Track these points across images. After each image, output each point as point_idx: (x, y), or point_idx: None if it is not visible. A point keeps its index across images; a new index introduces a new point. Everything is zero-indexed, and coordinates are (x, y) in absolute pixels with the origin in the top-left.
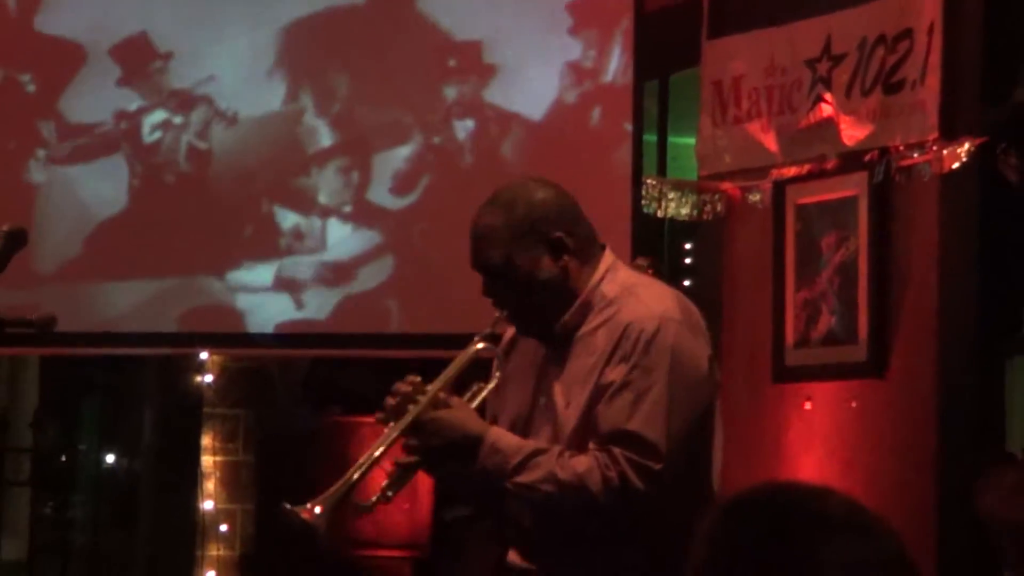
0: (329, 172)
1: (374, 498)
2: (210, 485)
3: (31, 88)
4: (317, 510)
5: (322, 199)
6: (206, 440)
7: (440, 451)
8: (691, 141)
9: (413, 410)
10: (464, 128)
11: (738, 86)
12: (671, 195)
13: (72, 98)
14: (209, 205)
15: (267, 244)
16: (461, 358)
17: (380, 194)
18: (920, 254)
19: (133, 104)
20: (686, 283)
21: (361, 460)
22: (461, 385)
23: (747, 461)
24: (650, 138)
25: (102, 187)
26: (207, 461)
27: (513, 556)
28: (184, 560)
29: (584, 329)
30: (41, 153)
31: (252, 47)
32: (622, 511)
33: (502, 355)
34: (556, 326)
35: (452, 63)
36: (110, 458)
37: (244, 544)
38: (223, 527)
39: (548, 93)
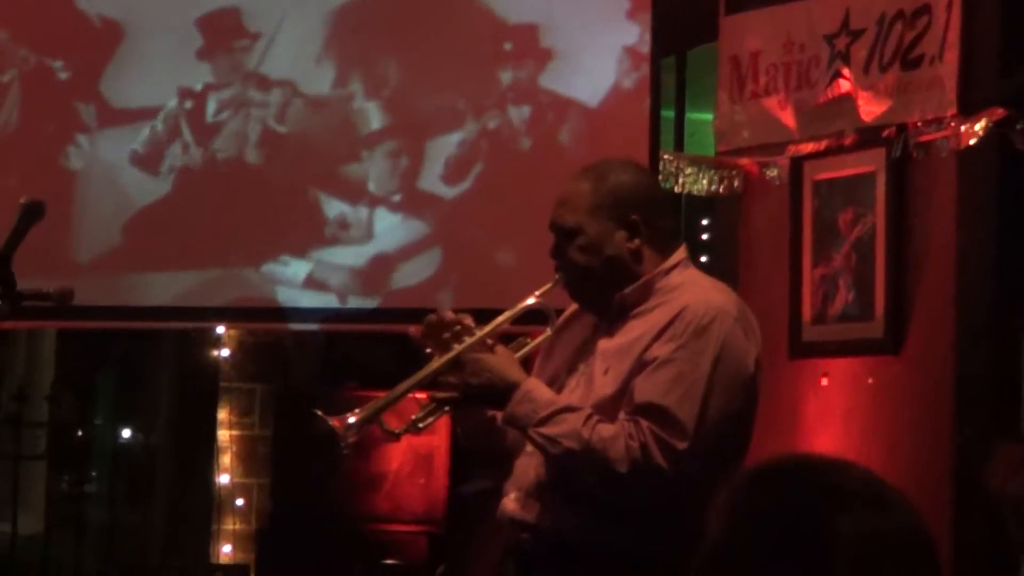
0: (379, 159)
1: (403, 426)
2: (226, 459)
3: (64, 75)
4: (351, 420)
5: (371, 187)
6: (222, 414)
7: (476, 390)
8: (708, 117)
9: (458, 347)
10: (520, 114)
11: (756, 62)
12: (688, 170)
13: (112, 80)
14: (256, 192)
15: (312, 234)
16: (513, 310)
17: (431, 182)
18: (938, 230)
19: (197, 83)
20: (703, 259)
21: (400, 385)
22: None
23: (764, 437)
24: (668, 114)
25: (144, 172)
26: (223, 435)
27: (510, 505)
28: (200, 534)
29: (641, 308)
30: (80, 138)
31: (302, 30)
32: (639, 484)
33: (555, 322)
34: (614, 300)
35: (507, 47)
36: (126, 432)
37: (260, 518)
38: (239, 501)
39: (606, 78)
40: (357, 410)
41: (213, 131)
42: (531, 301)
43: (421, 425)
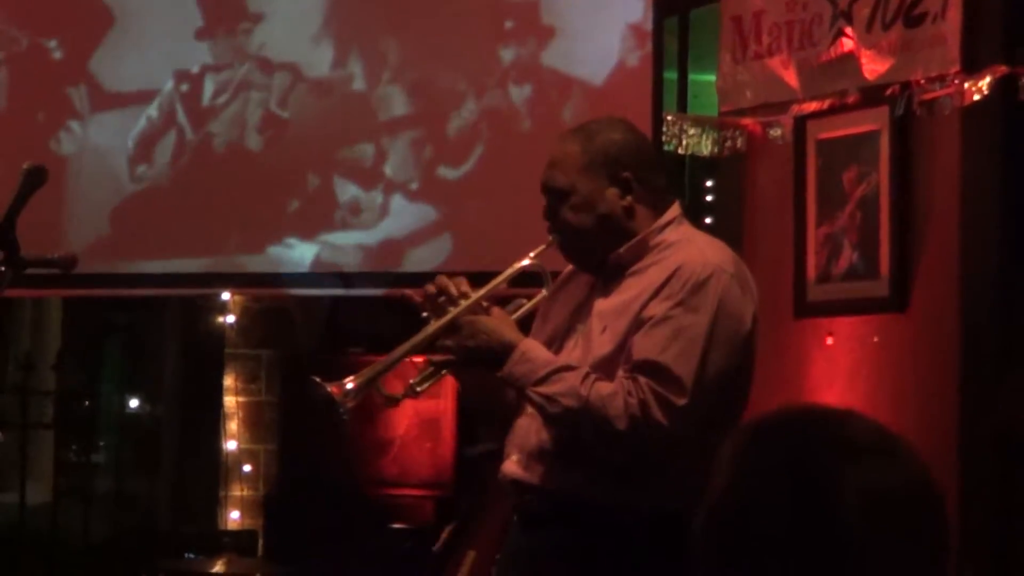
0: (379, 141)
1: (403, 391)
2: (233, 425)
3: (58, 54)
4: (349, 386)
5: (370, 169)
6: (228, 381)
7: (473, 353)
8: (711, 79)
9: (453, 311)
10: (521, 93)
11: (758, 21)
12: (691, 131)
13: (105, 62)
14: (255, 177)
15: (314, 218)
16: (508, 271)
17: (433, 163)
18: (942, 188)
19: (194, 65)
20: (707, 220)
21: (397, 349)
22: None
23: (770, 397)
24: (670, 76)
25: (139, 157)
26: (229, 402)
27: (512, 467)
28: (208, 501)
29: (637, 266)
30: (72, 123)
31: (302, 11)
32: (639, 441)
33: (550, 283)
34: (610, 258)
35: (508, 25)
36: (133, 400)
37: (267, 484)
38: (246, 467)
39: (609, 56)
40: (354, 376)
41: (211, 114)
42: (526, 262)
43: (419, 389)
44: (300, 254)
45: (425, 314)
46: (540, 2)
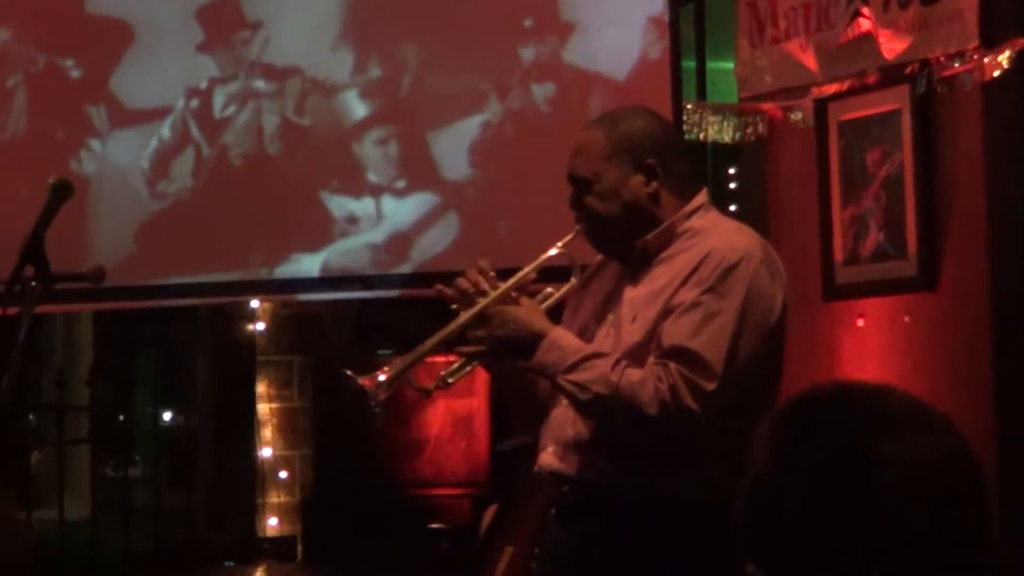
0: (399, 145)
1: (434, 383)
2: (267, 432)
3: (75, 74)
4: (381, 378)
5: (394, 173)
6: (261, 388)
7: (503, 343)
8: (729, 66)
9: (483, 302)
10: (544, 91)
11: (775, 5)
12: (712, 119)
13: (122, 80)
14: (272, 188)
15: (327, 227)
16: (536, 261)
17: (458, 167)
18: (966, 164)
19: (203, 80)
20: (732, 208)
21: (427, 340)
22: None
23: (801, 382)
24: (688, 64)
25: (157, 174)
26: (263, 409)
27: (548, 458)
28: (246, 509)
29: (665, 254)
30: (92, 142)
31: (316, 17)
32: (670, 427)
33: (578, 272)
34: (637, 245)
35: (527, 23)
36: (167, 411)
37: (304, 489)
38: (282, 474)
39: (631, 51)
40: (386, 368)
41: (222, 127)
42: (553, 252)
43: (451, 380)
44: (319, 261)
45: (454, 307)
46: None
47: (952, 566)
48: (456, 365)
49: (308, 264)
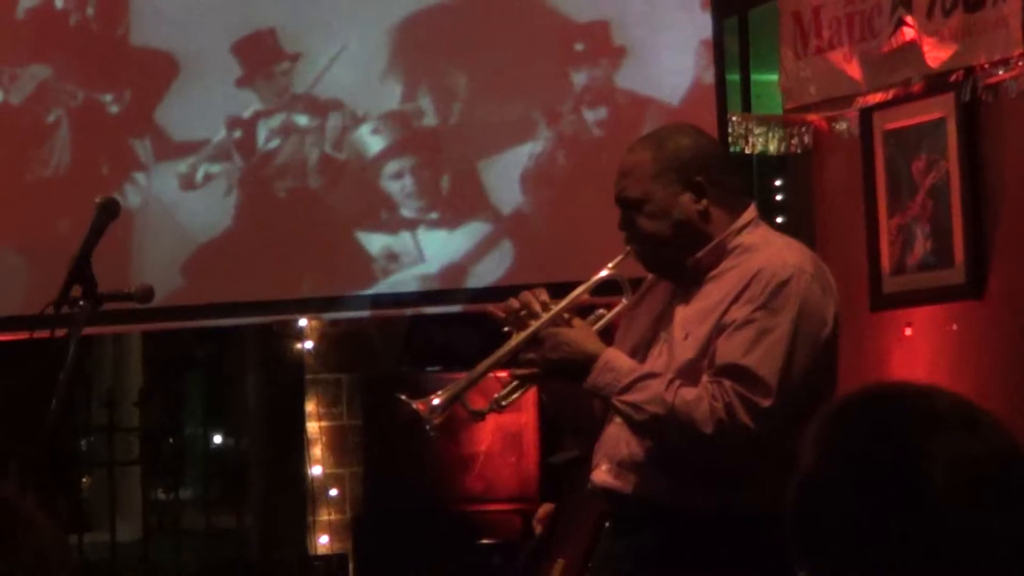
0: (452, 175)
1: (488, 406)
2: (317, 451)
3: (114, 109)
4: (435, 402)
5: (445, 203)
6: (310, 406)
7: (556, 365)
8: (773, 78)
9: (535, 324)
10: (596, 116)
11: (818, 16)
12: (757, 131)
13: (168, 112)
14: (318, 221)
15: (381, 261)
16: (588, 283)
17: (510, 195)
18: (1012, 171)
19: (247, 110)
20: (779, 220)
21: (480, 364)
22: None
23: (850, 391)
24: (732, 77)
25: (203, 207)
26: (312, 427)
27: (602, 476)
28: (297, 527)
29: (716, 271)
30: (137, 175)
31: (364, 47)
32: (725, 445)
33: (629, 292)
34: (689, 263)
35: (578, 47)
36: (217, 431)
37: (355, 507)
38: (333, 491)
39: (685, 75)
40: (439, 392)
41: (266, 160)
42: (604, 273)
43: (504, 403)
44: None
45: (507, 329)
46: (610, 23)
47: (1001, 565)
48: (509, 387)
49: (359, 298)
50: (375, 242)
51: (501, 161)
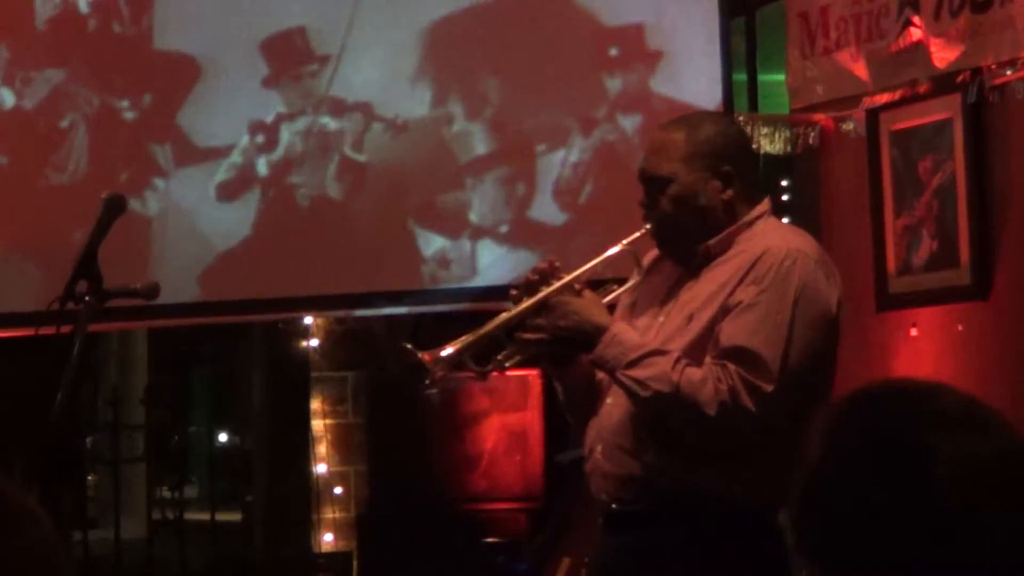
0: (484, 184)
1: (490, 365)
2: (322, 449)
3: (130, 115)
4: (443, 353)
5: (473, 218)
6: (315, 404)
7: (564, 332)
8: (780, 78)
9: (546, 290)
10: (632, 123)
11: (825, 16)
12: (764, 130)
13: (187, 118)
14: (347, 227)
15: (409, 272)
16: (601, 256)
17: (541, 207)
18: (1018, 172)
19: (269, 114)
20: (785, 219)
21: (488, 322)
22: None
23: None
24: (739, 77)
25: (223, 213)
26: (317, 425)
27: (597, 459)
28: (301, 525)
29: (724, 256)
30: (156, 181)
31: (393, 50)
32: (727, 427)
33: (641, 271)
34: (700, 249)
35: (613, 52)
36: (222, 428)
37: (359, 505)
38: (337, 490)
39: (719, 78)
40: (449, 344)
41: (289, 164)
42: (618, 249)
43: (507, 364)
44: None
45: (515, 292)
46: (645, 27)
47: (1007, 563)
48: (514, 349)
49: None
50: (400, 248)
51: (532, 170)
